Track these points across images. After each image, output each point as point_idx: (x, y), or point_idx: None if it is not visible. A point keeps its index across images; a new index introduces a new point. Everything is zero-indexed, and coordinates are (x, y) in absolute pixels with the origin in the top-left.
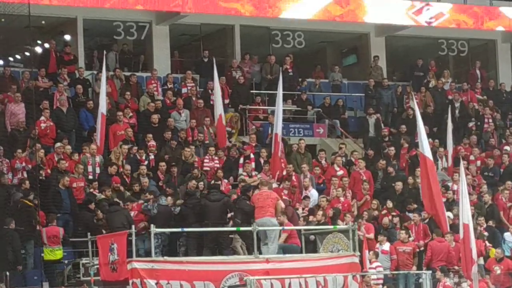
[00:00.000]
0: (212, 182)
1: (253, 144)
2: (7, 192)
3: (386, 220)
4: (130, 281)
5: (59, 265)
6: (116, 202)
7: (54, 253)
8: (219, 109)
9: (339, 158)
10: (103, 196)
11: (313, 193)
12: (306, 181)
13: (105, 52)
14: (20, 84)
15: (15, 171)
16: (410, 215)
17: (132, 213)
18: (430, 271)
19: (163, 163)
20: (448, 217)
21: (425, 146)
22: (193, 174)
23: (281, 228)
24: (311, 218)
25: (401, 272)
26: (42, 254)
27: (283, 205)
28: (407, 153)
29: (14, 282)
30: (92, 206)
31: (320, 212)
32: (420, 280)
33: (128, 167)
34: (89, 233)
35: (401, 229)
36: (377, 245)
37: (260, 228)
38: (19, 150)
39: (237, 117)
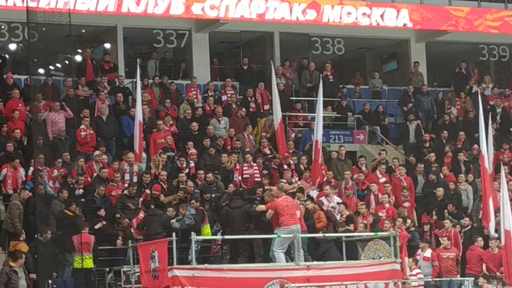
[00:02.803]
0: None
1: (291, 151)
2: (47, 202)
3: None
4: None
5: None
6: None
7: (85, 261)
8: (278, 115)
9: (382, 165)
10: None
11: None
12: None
13: (140, 60)
14: (66, 93)
15: (54, 179)
16: (446, 222)
17: None
18: (473, 278)
19: (201, 171)
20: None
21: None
22: (207, 179)
23: (318, 235)
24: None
25: (443, 279)
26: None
27: None
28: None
29: None
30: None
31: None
32: (463, 287)
33: (164, 172)
34: (130, 241)
35: (430, 236)
36: (419, 251)
37: (302, 235)
38: (59, 160)
39: (270, 121)
